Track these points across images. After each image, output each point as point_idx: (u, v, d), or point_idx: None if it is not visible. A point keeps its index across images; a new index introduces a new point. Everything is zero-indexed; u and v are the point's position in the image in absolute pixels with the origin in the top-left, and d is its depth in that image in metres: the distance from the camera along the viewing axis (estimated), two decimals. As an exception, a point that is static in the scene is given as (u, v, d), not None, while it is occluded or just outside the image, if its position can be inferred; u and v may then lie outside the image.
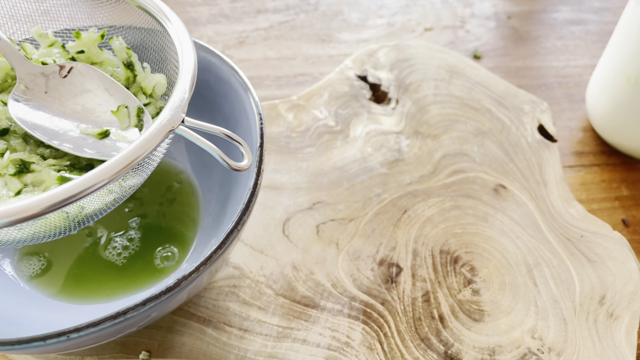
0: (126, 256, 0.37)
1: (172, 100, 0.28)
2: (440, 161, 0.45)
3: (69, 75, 0.31)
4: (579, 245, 0.40)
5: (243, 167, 0.28)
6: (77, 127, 0.30)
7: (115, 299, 0.35)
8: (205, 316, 0.36)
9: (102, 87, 0.31)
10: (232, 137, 0.29)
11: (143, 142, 0.26)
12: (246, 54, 0.56)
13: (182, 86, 0.29)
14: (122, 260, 0.37)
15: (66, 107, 0.31)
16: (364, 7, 0.61)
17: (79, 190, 0.24)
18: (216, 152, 0.28)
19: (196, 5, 0.61)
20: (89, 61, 0.33)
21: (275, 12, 0.60)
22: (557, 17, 0.60)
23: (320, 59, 0.55)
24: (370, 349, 0.35)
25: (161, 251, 0.37)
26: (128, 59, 0.33)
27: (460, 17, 0.60)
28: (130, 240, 0.38)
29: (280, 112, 0.48)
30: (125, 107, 0.31)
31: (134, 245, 0.38)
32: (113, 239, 0.38)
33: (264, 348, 0.35)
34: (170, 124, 0.27)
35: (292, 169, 0.44)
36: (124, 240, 0.38)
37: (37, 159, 0.29)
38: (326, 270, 0.38)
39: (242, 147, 0.29)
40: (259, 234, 0.40)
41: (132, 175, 0.28)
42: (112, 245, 0.38)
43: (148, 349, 0.35)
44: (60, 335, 0.25)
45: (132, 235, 0.38)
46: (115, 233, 0.38)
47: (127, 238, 0.38)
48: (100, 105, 0.31)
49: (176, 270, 0.36)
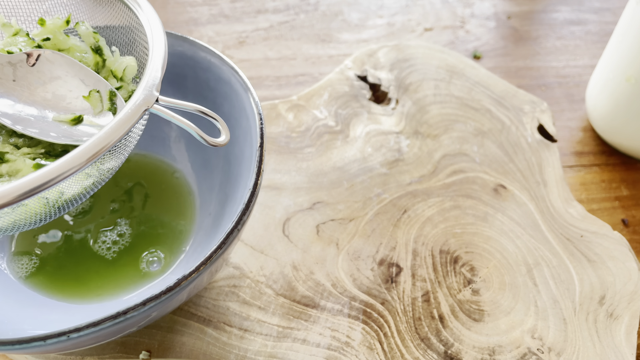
0: (114, 255, 0.37)
1: (145, 80, 0.28)
2: (440, 161, 0.45)
3: (37, 63, 0.31)
4: (578, 245, 0.40)
5: (220, 143, 0.28)
6: (50, 114, 0.30)
7: (99, 301, 0.35)
8: (205, 316, 0.36)
9: (72, 74, 0.31)
10: (207, 113, 0.29)
11: (118, 123, 0.26)
12: (246, 54, 0.56)
13: (154, 65, 0.29)
14: (111, 255, 0.37)
15: (36, 95, 0.30)
16: (364, 7, 0.61)
17: (55, 175, 0.24)
18: (193, 129, 0.28)
19: (196, 5, 0.61)
20: (56, 48, 0.32)
21: (275, 12, 0.60)
22: (557, 17, 0.60)
23: (320, 59, 0.55)
24: (370, 348, 0.35)
25: (147, 255, 0.37)
26: (96, 43, 0.33)
27: (460, 17, 0.60)
28: (121, 235, 0.38)
29: (280, 112, 0.48)
30: (97, 91, 0.30)
31: (121, 242, 0.38)
32: (102, 233, 0.38)
33: (264, 348, 0.35)
34: (145, 104, 0.27)
35: (292, 169, 0.44)
36: (113, 235, 0.38)
37: (10, 148, 0.29)
38: (326, 270, 0.38)
39: (219, 123, 0.29)
40: (259, 234, 0.40)
41: (110, 157, 0.28)
42: (102, 240, 0.38)
43: (148, 348, 0.35)
44: (60, 335, 0.25)
45: (122, 230, 0.38)
46: (104, 229, 0.38)
47: (117, 233, 0.38)
48: (71, 92, 0.30)
49: (163, 275, 0.36)
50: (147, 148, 0.42)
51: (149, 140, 0.42)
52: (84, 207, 0.39)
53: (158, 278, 0.36)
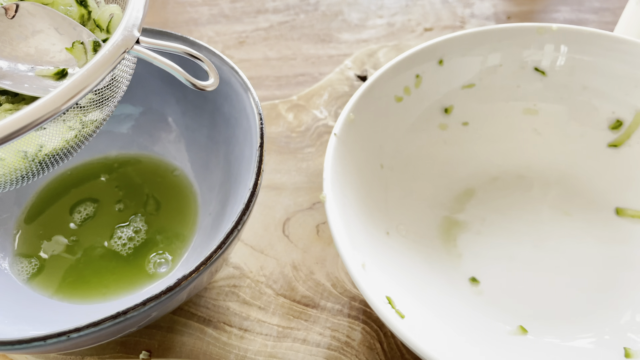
0: (128, 251, 0.37)
1: (125, 20, 0.27)
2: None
3: (17, 17, 0.29)
4: None
5: (208, 86, 0.27)
6: (33, 69, 0.28)
7: (109, 300, 0.35)
8: (205, 316, 0.36)
9: (54, 26, 0.29)
10: (194, 54, 0.28)
11: (96, 66, 0.24)
12: (246, 54, 0.56)
13: (135, 4, 0.27)
14: (126, 251, 0.37)
15: (19, 50, 0.29)
16: (364, 7, 0.61)
17: (28, 121, 0.22)
18: (178, 71, 0.27)
19: (196, 6, 0.61)
20: (39, 1, 0.31)
21: (275, 12, 0.60)
22: (556, 17, 0.60)
23: (320, 59, 0.55)
24: (370, 348, 0.35)
25: (155, 257, 0.37)
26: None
27: (460, 17, 0.60)
28: (131, 239, 0.38)
29: (280, 112, 0.48)
30: (81, 42, 0.29)
31: (129, 244, 0.38)
32: (114, 235, 0.38)
33: (264, 348, 0.35)
34: (125, 44, 0.26)
35: (292, 169, 0.44)
36: (124, 239, 0.38)
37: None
38: (326, 270, 0.38)
39: (205, 64, 0.28)
40: (259, 234, 0.40)
41: (93, 107, 0.27)
42: (117, 239, 0.38)
43: (148, 348, 0.35)
44: (60, 335, 0.25)
45: (131, 234, 0.38)
46: (112, 231, 0.38)
47: (127, 237, 0.38)
48: (54, 45, 0.29)
49: (168, 276, 0.36)
50: (147, 148, 0.42)
51: (148, 139, 0.42)
52: (88, 214, 0.39)
53: (162, 279, 0.36)
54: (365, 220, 0.34)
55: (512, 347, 0.32)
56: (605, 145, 0.40)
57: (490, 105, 0.41)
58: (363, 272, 0.29)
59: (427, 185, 0.40)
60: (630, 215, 0.38)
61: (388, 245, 0.35)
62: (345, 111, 0.35)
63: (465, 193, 0.40)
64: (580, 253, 0.37)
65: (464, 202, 0.40)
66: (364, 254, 0.31)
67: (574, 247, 0.37)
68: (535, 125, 0.41)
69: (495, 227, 0.39)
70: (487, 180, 0.41)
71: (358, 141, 0.36)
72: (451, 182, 0.40)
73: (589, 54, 0.39)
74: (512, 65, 0.40)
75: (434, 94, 0.40)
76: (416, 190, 0.39)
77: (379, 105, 0.38)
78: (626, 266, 0.36)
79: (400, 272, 0.34)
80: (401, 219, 0.37)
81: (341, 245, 0.29)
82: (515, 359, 0.31)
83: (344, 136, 0.35)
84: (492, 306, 0.35)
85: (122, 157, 0.42)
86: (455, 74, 0.40)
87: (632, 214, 0.38)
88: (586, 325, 0.34)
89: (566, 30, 0.39)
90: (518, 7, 0.61)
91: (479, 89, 0.41)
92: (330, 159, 0.33)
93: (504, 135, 0.41)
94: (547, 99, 0.41)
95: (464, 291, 0.35)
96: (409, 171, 0.39)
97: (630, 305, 0.34)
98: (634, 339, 0.32)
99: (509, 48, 0.40)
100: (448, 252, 0.37)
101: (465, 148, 0.41)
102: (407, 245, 0.36)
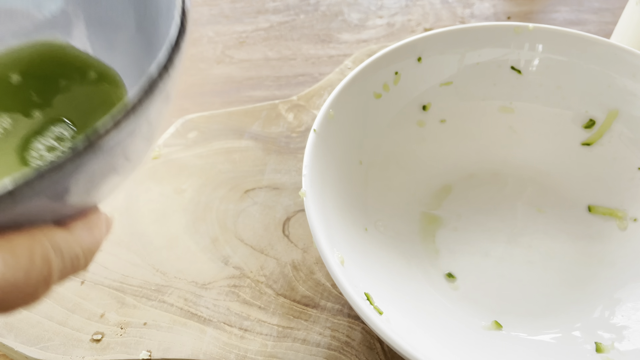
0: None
1: None
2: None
3: None
4: None
5: None
6: None
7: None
8: (205, 316, 0.36)
9: None
10: None
11: None
12: (246, 54, 0.56)
13: None
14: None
15: None
16: (364, 7, 0.61)
17: None
18: None
19: (196, 6, 0.61)
20: None
21: (275, 13, 0.61)
22: (556, 17, 0.60)
23: (320, 59, 0.55)
24: (370, 348, 0.35)
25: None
26: None
27: (460, 18, 0.60)
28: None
29: (280, 112, 0.48)
30: None
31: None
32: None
33: (264, 348, 0.35)
34: None
35: (292, 169, 0.44)
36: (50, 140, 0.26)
37: None
38: (326, 270, 0.38)
39: None
40: (259, 234, 0.40)
41: None
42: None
43: (148, 348, 0.35)
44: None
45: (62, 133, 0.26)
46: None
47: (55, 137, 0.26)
48: None
49: None
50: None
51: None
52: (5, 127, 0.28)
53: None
54: (344, 217, 0.34)
55: (487, 342, 0.32)
56: (579, 144, 0.40)
57: (467, 103, 0.42)
58: (342, 268, 0.29)
59: (405, 182, 0.40)
60: (601, 213, 0.38)
61: (367, 241, 0.35)
62: (325, 107, 0.35)
63: (443, 189, 0.41)
64: (553, 249, 0.38)
65: (442, 199, 0.40)
66: (343, 250, 0.31)
67: (547, 243, 0.38)
68: (511, 123, 0.42)
69: (470, 223, 0.39)
70: (463, 177, 0.41)
71: (337, 137, 0.36)
72: (429, 179, 0.41)
73: (564, 54, 0.39)
74: (489, 64, 0.41)
75: (412, 91, 0.40)
76: (394, 187, 0.39)
77: (358, 102, 0.38)
78: (597, 262, 0.37)
79: (379, 269, 0.34)
80: (379, 216, 0.38)
81: (320, 241, 0.29)
82: (490, 353, 0.32)
83: (324, 132, 0.35)
84: (467, 302, 0.35)
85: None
86: (434, 71, 0.41)
87: (604, 211, 0.38)
88: (558, 320, 0.34)
89: (542, 30, 0.39)
90: (518, 8, 0.61)
91: (456, 87, 0.41)
92: (310, 155, 0.33)
93: (480, 132, 0.42)
94: (522, 97, 0.41)
95: (440, 287, 0.36)
96: (388, 168, 0.40)
97: (602, 301, 0.34)
98: (602, 335, 0.32)
99: (486, 47, 0.40)
100: (425, 248, 0.38)
101: (443, 145, 0.42)
102: (385, 242, 0.37)
